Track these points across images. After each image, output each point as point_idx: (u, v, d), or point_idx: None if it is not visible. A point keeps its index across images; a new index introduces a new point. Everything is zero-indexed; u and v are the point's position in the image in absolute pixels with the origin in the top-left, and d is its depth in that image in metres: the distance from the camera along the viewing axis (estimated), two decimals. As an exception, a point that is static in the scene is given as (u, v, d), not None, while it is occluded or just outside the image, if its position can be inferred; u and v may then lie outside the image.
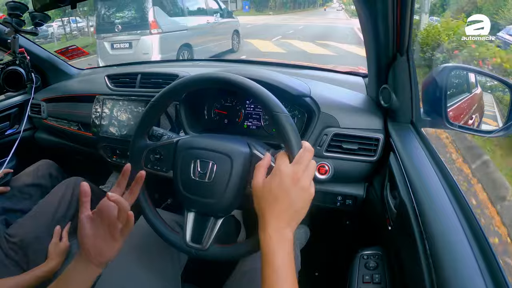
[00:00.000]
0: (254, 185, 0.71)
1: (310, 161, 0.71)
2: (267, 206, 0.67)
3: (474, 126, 1.08)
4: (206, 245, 0.81)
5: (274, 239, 0.65)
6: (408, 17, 0.84)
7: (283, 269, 0.62)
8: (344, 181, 1.14)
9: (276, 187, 0.67)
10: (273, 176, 0.69)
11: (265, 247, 0.65)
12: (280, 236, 0.65)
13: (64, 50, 1.75)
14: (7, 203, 1.32)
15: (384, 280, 0.83)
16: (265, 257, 0.64)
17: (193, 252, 0.82)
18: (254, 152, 0.81)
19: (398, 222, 0.81)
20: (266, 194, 0.68)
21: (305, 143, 0.72)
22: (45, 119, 1.67)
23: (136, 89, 1.40)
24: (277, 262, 0.63)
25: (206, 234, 0.82)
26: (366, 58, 1.11)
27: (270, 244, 0.64)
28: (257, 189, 0.70)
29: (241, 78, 0.77)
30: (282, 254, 0.64)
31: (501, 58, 4.18)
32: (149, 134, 0.91)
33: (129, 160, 0.90)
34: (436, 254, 0.59)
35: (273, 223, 0.66)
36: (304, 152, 0.70)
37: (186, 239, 0.83)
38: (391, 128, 1.03)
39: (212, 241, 0.81)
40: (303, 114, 1.17)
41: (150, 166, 0.88)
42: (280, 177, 0.68)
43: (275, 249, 0.64)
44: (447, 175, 0.78)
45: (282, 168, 0.68)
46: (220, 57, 7.92)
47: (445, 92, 0.96)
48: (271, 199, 0.67)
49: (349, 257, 0.93)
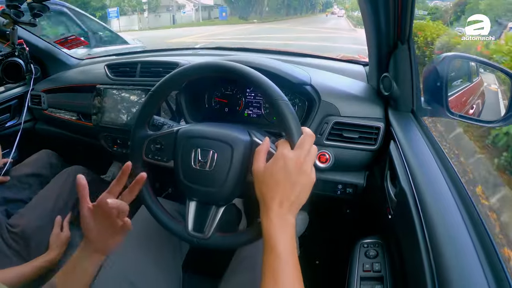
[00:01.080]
0: (254, 169, 0.71)
1: (312, 146, 0.71)
2: (268, 191, 0.67)
3: (475, 116, 1.07)
4: (208, 233, 0.81)
5: (277, 224, 0.65)
6: (409, 5, 0.84)
7: (285, 254, 0.62)
8: (344, 170, 1.14)
9: (278, 172, 0.67)
10: (275, 161, 0.69)
11: (267, 233, 0.65)
12: (282, 221, 0.65)
13: (63, 40, 1.74)
14: (7, 193, 1.32)
15: (384, 269, 0.84)
16: (267, 242, 0.64)
17: (195, 241, 0.82)
18: (254, 139, 0.81)
19: (398, 211, 0.82)
20: (268, 178, 0.68)
21: (305, 129, 0.73)
22: (45, 110, 1.67)
23: (136, 78, 1.40)
24: (280, 248, 0.63)
25: (208, 223, 0.82)
26: (367, 46, 1.10)
27: (272, 229, 0.64)
28: (258, 173, 0.70)
29: (241, 66, 0.77)
30: (284, 239, 0.64)
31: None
32: (149, 123, 0.91)
33: (130, 150, 0.90)
34: (435, 242, 0.59)
35: (275, 208, 0.66)
36: (305, 137, 0.70)
37: (188, 228, 0.83)
38: (392, 117, 1.03)
39: (214, 230, 0.81)
40: (303, 102, 1.17)
41: (151, 156, 0.88)
42: (283, 161, 0.68)
43: (277, 234, 0.64)
44: (447, 164, 0.78)
45: (284, 153, 0.68)
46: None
47: (446, 81, 0.96)
48: (273, 184, 0.67)
49: (349, 245, 0.94)
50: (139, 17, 29.56)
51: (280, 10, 48.65)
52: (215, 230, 0.82)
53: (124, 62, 1.48)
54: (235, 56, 1.24)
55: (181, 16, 33.55)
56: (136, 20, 29.30)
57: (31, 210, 1.25)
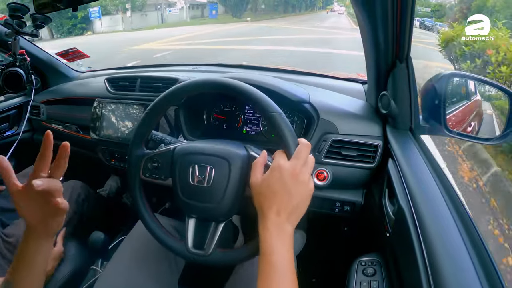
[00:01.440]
0: (252, 182, 0.71)
1: (308, 156, 0.71)
2: (266, 202, 0.67)
3: (473, 133, 1.08)
4: (208, 250, 0.80)
5: (274, 234, 0.64)
6: (408, 24, 0.85)
7: (282, 266, 0.62)
8: (342, 188, 1.13)
9: (275, 182, 0.67)
10: (272, 172, 0.69)
11: (264, 243, 0.64)
12: (280, 230, 0.65)
13: (64, 53, 1.75)
14: (3, 202, 1.32)
15: (382, 287, 0.83)
16: (263, 252, 0.64)
17: (196, 258, 0.82)
18: (251, 153, 0.81)
19: (396, 229, 0.81)
20: (265, 189, 0.68)
21: (301, 139, 0.73)
22: (44, 121, 1.67)
23: (136, 93, 1.40)
24: (276, 258, 0.62)
25: (208, 240, 0.81)
26: (366, 64, 1.11)
27: (269, 239, 0.64)
28: (255, 185, 0.70)
29: (237, 82, 0.78)
30: (281, 249, 0.63)
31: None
32: (147, 141, 0.91)
33: (127, 169, 0.89)
34: (434, 261, 0.59)
35: (272, 218, 0.65)
36: (302, 147, 0.71)
37: (189, 245, 0.82)
38: (390, 135, 1.03)
39: (215, 246, 0.81)
40: (302, 120, 1.17)
41: (149, 175, 0.88)
42: (279, 172, 0.68)
43: (273, 245, 0.63)
44: (446, 182, 0.78)
45: (281, 163, 0.68)
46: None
47: (444, 99, 0.96)
48: (270, 194, 0.67)
49: (347, 263, 0.93)
50: (122, 17, 27.82)
51: (277, 8, 46.39)
52: (216, 247, 0.81)
53: (124, 76, 1.49)
54: (234, 74, 1.25)
55: (168, 15, 32.20)
56: (120, 20, 27.55)
57: None
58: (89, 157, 1.55)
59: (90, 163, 1.62)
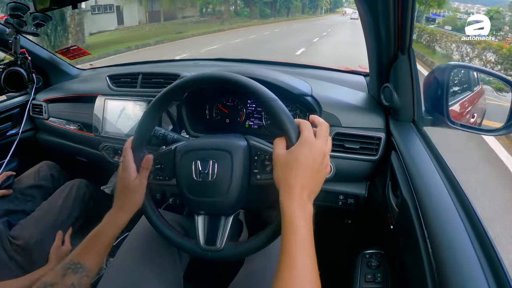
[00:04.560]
0: (277, 153, 0.69)
1: (328, 136, 0.71)
2: (292, 175, 0.66)
3: (476, 125, 1.08)
4: (221, 245, 0.81)
5: (300, 209, 0.63)
6: (409, 16, 0.84)
7: (306, 240, 0.61)
8: (346, 180, 1.14)
9: (305, 157, 0.66)
10: (301, 145, 0.67)
11: (289, 218, 0.63)
12: (302, 208, 0.64)
13: (65, 51, 1.75)
14: (9, 205, 1.32)
15: (386, 279, 0.83)
16: (289, 224, 0.63)
17: (210, 254, 0.82)
18: (252, 143, 0.80)
19: (400, 221, 0.81)
20: (292, 162, 0.67)
21: (316, 118, 0.73)
22: (47, 119, 1.68)
23: (138, 89, 1.40)
24: (302, 232, 0.61)
25: (220, 234, 0.81)
26: (368, 57, 1.11)
27: (296, 213, 0.63)
28: (279, 157, 0.69)
29: (234, 75, 0.77)
30: (305, 224, 0.63)
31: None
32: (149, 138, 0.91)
33: None
34: (438, 253, 0.59)
35: (297, 191, 0.65)
36: (322, 127, 0.70)
37: (200, 242, 0.82)
38: (393, 127, 1.03)
39: (227, 240, 0.81)
40: (304, 113, 1.17)
41: (152, 177, 0.87)
42: (309, 147, 0.67)
43: (300, 218, 0.63)
44: (449, 174, 0.78)
45: (311, 139, 0.68)
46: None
47: (446, 91, 0.96)
48: (298, 168, 0.66)
49: (351, 256, 0.94)
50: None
51: (264, 11, 31.14)
52: (228, 241, 0.81)
53: (126, 72, 1.48)
54: (236, 68, 1.25)
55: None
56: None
57: (34, 223, 1.25)
58: (93, 155, 1.56)
59: (93, 160, 1.62)
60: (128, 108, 1.38)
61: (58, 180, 1.51)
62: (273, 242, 0.75)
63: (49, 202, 1.34)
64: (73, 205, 1.35)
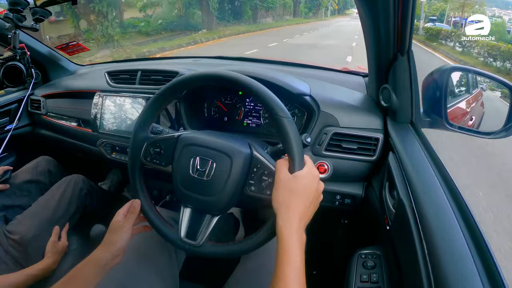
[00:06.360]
0: (280, 177, 0.70)
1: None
2: (295, 202, 0.68)
3: (474, 127, 1.08)
4: (200, 241, 0.81)
5: (297, 239, 0.65)
6: (409, 17, 0.84)
7: (301, 269, 0.63)
8: (343, 180, 1.14)
9: (310, 185, 0.69)
10: (307, 174, 0.70)
11: (287, 244, 0.64)
12: (301, 236, 0.66)
13: (64, 46, 1.74)
14: (6, 200, 1.32)
15: (382, 280, 0.83)
16: (286, 253, 0.64)
17: (187, 247, 0.82)
18: (255, 153, 0.80)
19: (396, 222, 0.82)
20: (296, 188, 0.68)
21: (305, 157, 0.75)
22: (45, 115, 1.67)
23: (136, 85, 1.40)
24: (297, 262, 0.63)
25: (201, 231, 0.82)
26: (367, 57, 1.11)
27: (294, 243, 0.64)
28: (284, 181, 0.70)
29: (245, 77, 0.77)
30: (301, 253, 0.64)
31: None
32: (150, 128, 0.91)
33: (129, 151, 0.90)
34: (434, 254, 0.59)
35: (296, 219, 0.66)
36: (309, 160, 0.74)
37: (181, 234, 0.83)
38: (391, 128, 1.03)
39: (207, 238, 0.81)
40: (303, 113, 1.17)
41: (149, 160, 0.88)
42: (312, 176, 0.70)
43: (297, 248, 0.64)
44: (446, 175, 0.78)
45: (314, 169, 0.72)
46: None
47: (445, 93, 0.96)
48: (302, 196, 0.68)
49: (347, 256, 0.94)
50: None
51: (245, 14, 21.76)
52: (208, 239, 0.81)
53: (125, 69, 1.48)
54: (235, 66, 1.25)
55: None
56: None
57: (30, 218, 1.25)
58: (90, 151, 1.55)
59: (91, 157, 1.62)
60: (127, 104, 1.38)
61: (55, 176, 1.51)
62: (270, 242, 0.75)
63: (46, 197, 1.34)
64: (70, 200, 1.34)
